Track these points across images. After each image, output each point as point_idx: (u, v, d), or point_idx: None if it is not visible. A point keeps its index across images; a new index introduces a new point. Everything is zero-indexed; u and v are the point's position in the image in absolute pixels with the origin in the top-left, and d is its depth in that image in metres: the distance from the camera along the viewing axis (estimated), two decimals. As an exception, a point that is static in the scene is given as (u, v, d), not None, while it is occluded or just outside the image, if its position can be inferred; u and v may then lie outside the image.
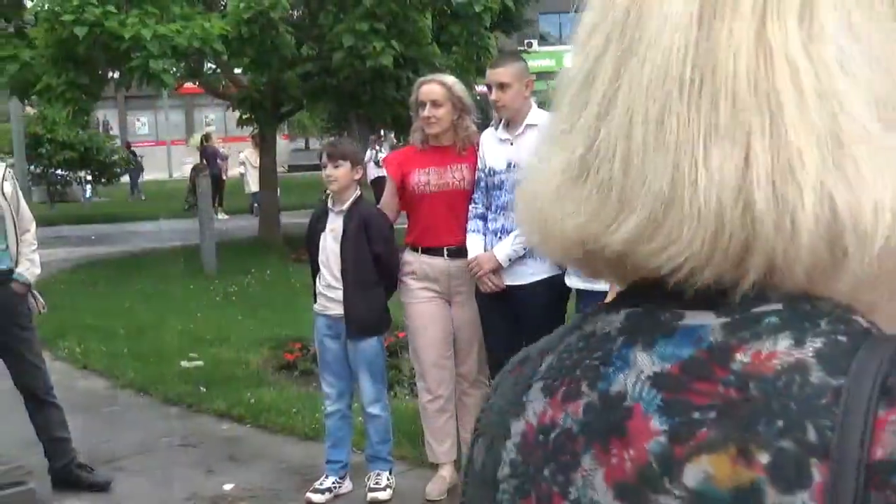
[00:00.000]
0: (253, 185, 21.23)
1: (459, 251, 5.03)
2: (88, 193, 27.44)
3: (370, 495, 5.20)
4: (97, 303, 10.98)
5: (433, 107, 5.00)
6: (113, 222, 22.03)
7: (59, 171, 24.44)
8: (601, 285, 4.76)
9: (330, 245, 5.06)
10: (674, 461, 0.60)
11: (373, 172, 16.02)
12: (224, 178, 22.90)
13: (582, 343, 0.70)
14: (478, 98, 8.76)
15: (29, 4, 13.53)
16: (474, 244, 4.96)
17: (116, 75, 13.21)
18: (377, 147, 19.30)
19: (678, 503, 0.59)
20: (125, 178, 29.10)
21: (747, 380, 0.60)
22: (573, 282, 4.77)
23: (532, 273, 4.88)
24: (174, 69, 13.06)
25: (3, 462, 4.52)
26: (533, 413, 0.69)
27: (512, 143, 4.91)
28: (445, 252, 5.08)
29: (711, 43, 0.62)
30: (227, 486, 5.55)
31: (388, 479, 5.27)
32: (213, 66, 15.58)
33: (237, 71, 15.28)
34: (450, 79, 5.22)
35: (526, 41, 34.61)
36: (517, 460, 0.69)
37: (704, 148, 0.61)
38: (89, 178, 26.07)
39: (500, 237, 4.92)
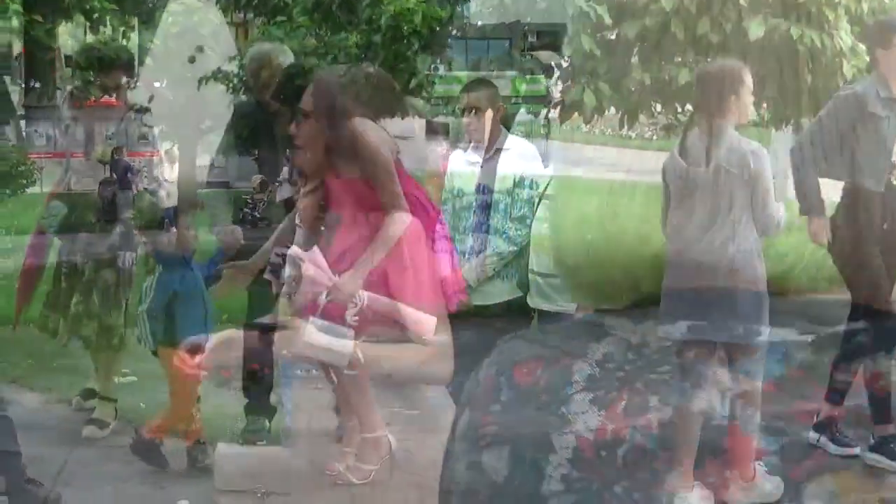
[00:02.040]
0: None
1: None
2: (-12, 205, 26.49)
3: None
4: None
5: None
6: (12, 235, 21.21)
7: (-50, 182, 23.40)
8: (561, 306, 4.91)
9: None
10: (791, 484, 0.63)
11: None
12: (134, 192, 22.45)
13: (633, 354, 0.70)
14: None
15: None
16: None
17: None
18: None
19: None
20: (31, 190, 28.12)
21: None
22: (535, 302, 4.91)
23: (498, 294, 4.98)
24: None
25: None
26: (586, 427, 0.69)
27: (482, 167, 5.01)
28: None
29: None
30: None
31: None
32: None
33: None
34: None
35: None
36: (572, 476, 0.68)
37: None
38: (-10, 189, 25.14)
39: (467, 258, 5.01)
